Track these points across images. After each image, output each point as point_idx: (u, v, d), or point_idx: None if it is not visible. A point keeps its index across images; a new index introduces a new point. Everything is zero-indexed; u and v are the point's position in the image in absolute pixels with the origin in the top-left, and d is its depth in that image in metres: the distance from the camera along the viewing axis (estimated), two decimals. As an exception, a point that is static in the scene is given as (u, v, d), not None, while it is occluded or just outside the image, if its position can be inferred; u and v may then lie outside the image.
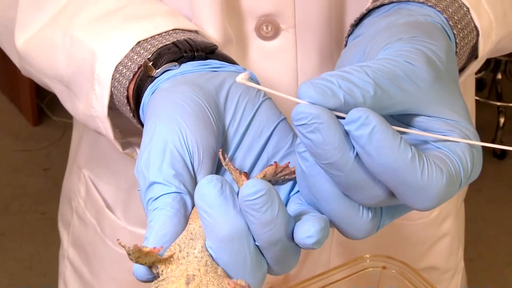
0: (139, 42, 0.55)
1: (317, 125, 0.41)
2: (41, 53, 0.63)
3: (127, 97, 0.55)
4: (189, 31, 0.58)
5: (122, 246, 0.42)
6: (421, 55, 0.45)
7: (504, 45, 0.61)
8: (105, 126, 0.58)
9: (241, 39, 0.65)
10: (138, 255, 0.42)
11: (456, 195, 0.83)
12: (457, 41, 0.52)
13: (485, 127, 2.53)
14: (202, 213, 0.42)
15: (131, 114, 0.56)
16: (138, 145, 0.62)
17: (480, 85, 2.73)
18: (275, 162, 0.49)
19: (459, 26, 0.52)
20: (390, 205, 0.45)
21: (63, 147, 2.44)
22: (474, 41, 0.55)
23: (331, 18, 0.64)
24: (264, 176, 0.48)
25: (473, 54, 0.57)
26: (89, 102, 0.58)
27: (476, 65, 0.58)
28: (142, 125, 0.53)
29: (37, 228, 2.26)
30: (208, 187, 0.42)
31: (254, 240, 0.43)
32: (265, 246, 0.43)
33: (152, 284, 0.43)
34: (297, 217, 0.44)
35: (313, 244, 0.43)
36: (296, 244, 0.43)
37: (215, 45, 0.55)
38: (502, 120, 2.56)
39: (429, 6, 0.52)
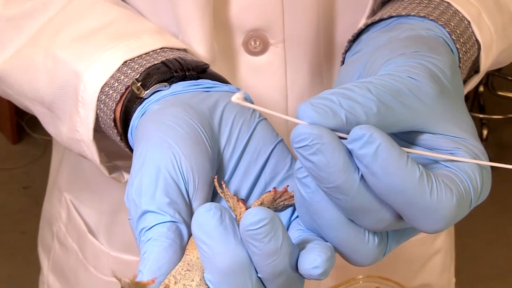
0: (125, 62, 0.53)
1: (320, 146, 0.38)
2: (21, 74, 0.60)
3: (114, 120, 0.52)
4: (178, 49, 0.56)
5: (117, 279, 0.39)
6: (425, 70, 0.43)
7: (503, 58, 0.60)
8: (91, 150, 0.55)
9: (228, 54, 0.63)
10: None
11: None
12: (460, 55, 0.50)
13: (468, 139, 2.53)
14: (200, 244, 0.40)
15: (119, 138, 0.53)
16: (125, 169, 0.60)
17: (462, 97, 2.74)
18: (274, 188, 0.46)
19: (461, 40, 0.51)
20: (397, 229, 0.43)
21: (44, 165, 2.40)
22: (476, 55, 0.53)
23: (319, 32, 0.63)
24: (261, 204, 0.45)
25: (473, 67, 0.56)
26: (73, 125, 0.56)
27: (477, 79, 0.56)
28: (131, 149, 0.51)
29: (17, 248, 2.22)
30: (207, 216, 0.39)
31: (256, 272, 0.40)
32: (269, 278, 0.40)
33: None
34: (300, 245, 0.42)
35: (319, 275, 0.40)
36: (300, 275, 0.41)
37: (206, 64, 0.53)
38: (485, 132, 2.57)
39: (431, 20, 0.50)
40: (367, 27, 0.53)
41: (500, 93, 2.71)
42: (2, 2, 0.62)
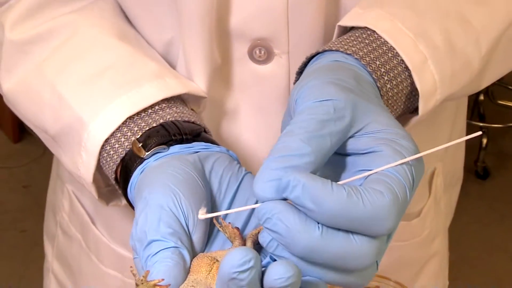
0: (125, 122, 0.56)
1: (277, 215, 0.43)
2: (28, 104, 0.63)
3: (116, 178, 0.57)
4: (177, 96, 0.59)
5: (133, 274, 0.44)
6: (333, 86, 0.48)
7: (457, 97, 0.61)
8: (90, 189, 0.60)
9: (233, 61, 0.64)
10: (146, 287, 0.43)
11: (444, 213, 0.84)
12: (379, 85, 0.53)
13: (468, 148, 2.53)
14: None
15: (121, 191, 0.57)
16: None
17: (462, 105, 2.74)
18: None
19: (382, 69, 0.54)
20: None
21: (44, 164, 2.41)
22: (409, 81, 0.55)
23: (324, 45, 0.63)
24: (259, 232, 0.49)
25: (414, 105, 0.58)
26: (75, 163, 0.59)
27: (418, 120, 0.58)
28: (130, 203, 0.55)
29: (17, 246, 2.23)
30: (247, 275, 0.42)
31: None
32: None
33: None
34: None
35: None
36: None
37: (200, 128, 0.57)
38: (484, 141, 2.58)
39: (347, 53, 0.54)
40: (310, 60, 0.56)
41: (500, 102, 2.71)
42: (8, 26, 0.63)
